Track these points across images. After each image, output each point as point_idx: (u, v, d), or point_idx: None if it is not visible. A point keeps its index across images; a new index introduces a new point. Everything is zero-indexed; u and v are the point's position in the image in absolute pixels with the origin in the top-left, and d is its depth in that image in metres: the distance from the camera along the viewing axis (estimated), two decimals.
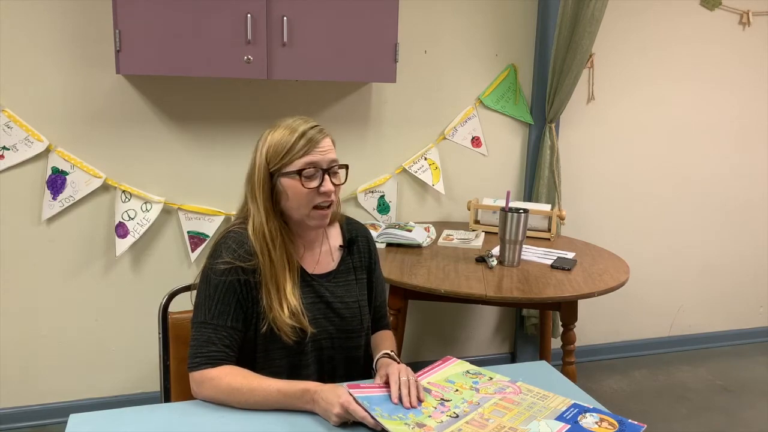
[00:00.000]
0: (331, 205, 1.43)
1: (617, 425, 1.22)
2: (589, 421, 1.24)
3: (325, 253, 1.52)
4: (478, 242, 2.57)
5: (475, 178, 3.02)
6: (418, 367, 1.42)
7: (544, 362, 1.56)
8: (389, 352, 1.49)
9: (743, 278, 3.61)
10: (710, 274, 3.54)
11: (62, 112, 2.42)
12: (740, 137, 3.43)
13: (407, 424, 1.19)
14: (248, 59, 2.26)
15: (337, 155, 1.43)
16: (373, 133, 2.83)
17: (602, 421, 1.24)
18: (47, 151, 2.42)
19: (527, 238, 2.37)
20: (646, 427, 1.22)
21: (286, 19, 2.27)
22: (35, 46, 2.35)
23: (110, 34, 2.31)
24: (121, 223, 2.51)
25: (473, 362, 1.49)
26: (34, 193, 2.44)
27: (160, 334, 1.60)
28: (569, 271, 2.27)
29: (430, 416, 1.23)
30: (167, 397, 1.60)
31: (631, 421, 1.24)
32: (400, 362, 1.41)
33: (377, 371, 1.42)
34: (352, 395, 1.23)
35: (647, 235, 3.37)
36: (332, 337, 1.47)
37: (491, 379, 1.40)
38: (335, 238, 1.55)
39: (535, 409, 1.27)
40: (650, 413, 2.86)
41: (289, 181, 1.39)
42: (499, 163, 3.05)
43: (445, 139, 2.93)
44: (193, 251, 2.63)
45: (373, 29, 2.40)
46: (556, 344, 2.94)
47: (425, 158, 2.90)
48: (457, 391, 1.34)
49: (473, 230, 2.76)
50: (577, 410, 1.27)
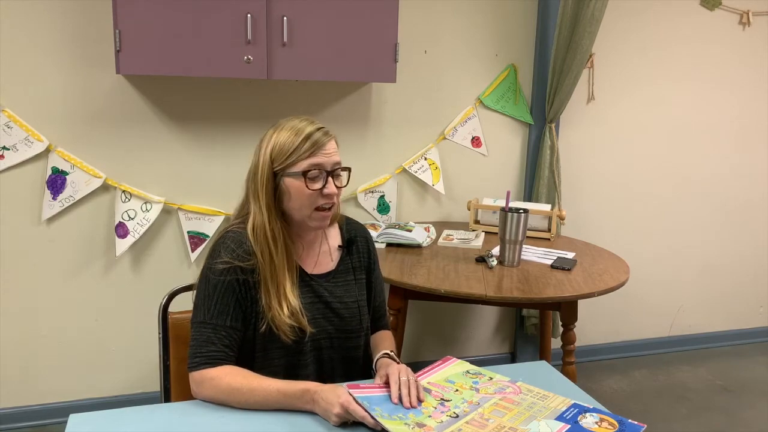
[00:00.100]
0: (332, 206, 1.44)
1: (617, 425, 1.22)
2: (589, 421, 1.24)
3: (324, 253, 1.52)
4: (478, 242, 2.57)
5: (475, 178, 3.02)
6: (418, 367, 1.42)
7: (544, 362, 1.56)
8: (389, 352, 1.49)
9: (743, 278, 3.61)
10: (710, 274, 3.54)
11: (62, 112, 2.42)
12: (740, 137, 3.43)
13: (407, 424, 1.19)
14: (248, 59, 2.26)
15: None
16: (373, 133, 2.83)
17: (602, 421, 1.24)
18: (47, 151, 2.42)
19: (527, 238, 2.37)
20: (646, 427, 1.22)
21: (286, 19, 2.27)
22: (35, 46, 2.36)
23: (110, 34, 2.31)
24: (121, 223, 2.51)
25: (473, 362, 1.49)
26: (34, 193, 2.44)
27: (160, 334, 1.60)
28: (569, 271, 2.27)
29: (430, 416, 1.23)
30: (167, 397, 1.60)
31: (631, 421, 1.24)
32: (399, 362, 1.41)
33: (377, 371, 1.42)
34: (351, 395, 1.23)
35: (647, 235, 3.37)
36: (331, 337, 1.47)
37: (491, 379, 1.40)
38: (334, 238, 1.55)
39: (535, 409, 1.27)
40: (650, 413, 2.86)
41: (292, 181, 1.39)
42: (499, 163, 3.05)
43: (445, 139, 2.93)
44: (193, 251, 2.63)
45: (373, 29, 2.40)
46: (556, 344, 2.94)
47: (425, 158, 2.90)
48: (457, 391, 1.34)
49: (473, 230, 2.76)
50: (577, 410, 1.27)
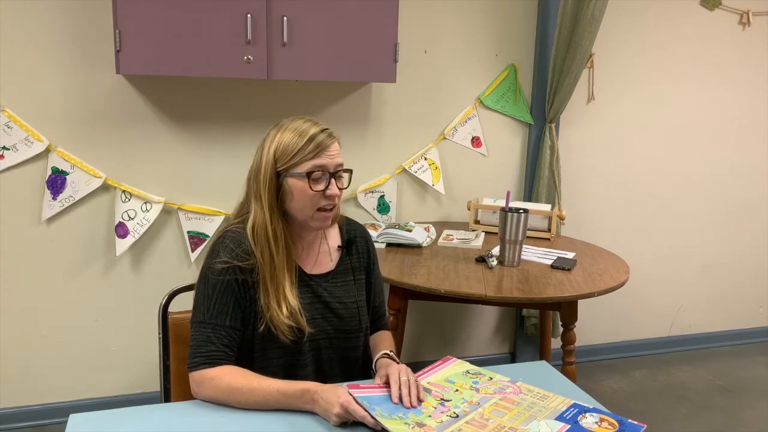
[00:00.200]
0: (334, 207, 1.44)
1: (617, 425, 1.22)
2: (589, 421, 1.24)
3: (323, 253, 1.52)
4: (478, 242, 2.57)
5: (475, 178, 3.02)
6: (418, 367, 1.42)
7: (544, 362, 1.56)
8: (388, 352, 1.49)
9: (743, 278, 3.61)
10: (710, 274, 3.54)
11: (62, 112, 2.42)
12: (740, 137, 3.43)
13: (407, 423, 1.19)
14: (248, 59, 2.26)
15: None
16: (373, 133, 2.83)
17: (602, 421, 1.24)
18: (47, 151, 2.42)
19: (527, 238, 2.37)
20: (646, 427, 1.22)
21: (286, 19, 2.27)
22: (35, 46, 2.35)
23: (110, 34, 2.31)
24: (121, 223, 2.51)
25: (473, 362, 1.49)
26: (34, 193, 2.44)
27: (160, 334, 1.60)
28: (569, 271, 2.27)
29: (430, 416, 1.23)
30: (167, 397, 1.60)
31: (631, 421, 1.24)
32: (399, 362, 1.41)
33: (377, 371, 1.42)
34: (351, 395, 1.23)
35: (647, 235, 3.37)
36: (330, 337, 1.47)
37: (491, 379, 1.40)
38: (334, 238, 1.55)
39: (535, 409, 1.27)
40: (650, 413, 2.86)
41: (295, 182, 1.39)
42: (499, 163, 3.05)
43: (445, 139, 2.93)
44: (193, 251, 2.63)
45: (373, 29, 2.40)
46: (556, 344, 2.94)
47: (425, 158, 2.90)
48: (457, 391, 1.34)
49: (473, 230, 2.76)
50: (577, 410, 1.27)
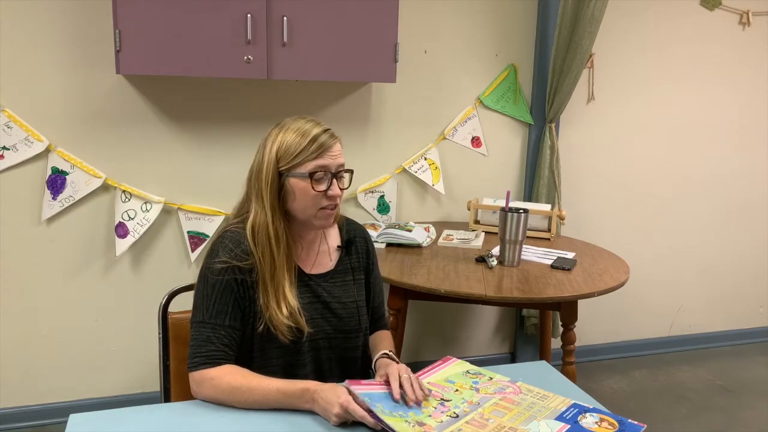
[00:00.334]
0: (336, 206, 1.44)
1: (617, 425, 1.22)
2: (589, 421, 1.24)
3: (323, 253, 1.52)
4: (478, 242, 2.57)
5: (475, 178, 3.02)
6: (418, 367, 1.42)
7: (544, 362, 1.56)
8: (388, 352, 1.49)
9: (743, 278, 3.61)
10: (710, 274, 3.54)
11: (62, 112, 2.42)
12: (740, 137, 3.43)
13: (408, 422, 1.19)
14: (248, 59, 2.26)
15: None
16: (373, 133, 2.83)
17: (602, 421, 1.24)
18: (47, 151, 2.42)
19: (527, 238, 2.37)
20: (646, 427, 1.22)
21: (286, 19, 2.27)
22: (35, 46, 2.35)
23: (110, 34, 2.31)
24: (121, 223, 2.51)
25: (473, 362, 1.49)
26: (34, 193, 2.44)
27: (160, 334, 1.60)
28: (569, 271, 2.27)
29: (430, 416, 1.23)
30: (167, 397, 1.60)
31: (631, 421, 1.24)
32: (399, 362, 1.41)
33: (376, 371, 1.42)
34: (352, 393, 1.23)
35: (647, 235, 3.37)
36: (329, 337, 1.47)
37: (491, 379, 1.40)
38: (334, 238, 1.55)
39: (535, 409, 1.27)
40: (650, 413, 2.86)
41: (298, 182, 1.39)
42: (499, 163, 3.05)
43: (445, 139, 2.93)
44: (193, 251, 2.63)
45: (373, 29, 2.40)
46: (556, 344, 2.94)
47: (425, 158, 2.90)
48: (457, 391, 1.34)
49: (473, 230, 2.76)
50: (577, 410, 1.27)
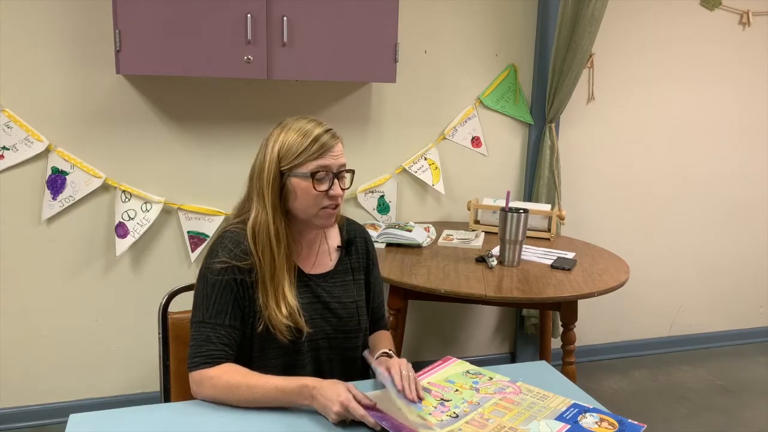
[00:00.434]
0: (337, 206, 1.44)
1: (617, 425, 1.22)
2: (589, 421, 1.24)
3: (323, 253, 1.52)
4: (478, 242, 2.57)
5: (475, 178, 3.02)
6: (418, 367, 1.42)
7: (544, 362, 1.56)
8: (388, 351, 1.49)
9: (743, 278, 3.61)
10: (710, 274, 3.54)
11: (62, 112, 2.42)
12: (740, 137, 3.43)
13: (411, 412, 1.20)
14: (248, 59, 2.26)
15: None
16: (373, 133, 2.83)
17: (602, 421, 1.24)
18: (47, 151, 2.42)
19: (527, 238, 2.37)
20: (646, 427, 1.22)
21: (286, 19, 2.27)
22: (35, 46, 2.35)
23: (110, 34, 2.31)
24: (121, 223, 2.51)
25: (473, 362, 1.50)
26: (34, 193, 2.44)
27: (160, 334, 1.60)
28: (569, 271, 2.27)
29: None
30: (167, 397, 1.60)
31: (631, 421, 1.24)
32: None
33: (376, 369, 1.42)
34: (352, 391, 1.23)
35: (647, 235, 3.37)
36: (329, 337, 1.47)
37: (491, 379, 1.40)
38: (334, 238, 1.55)
39: (535, 409, 1.27)
40: (650, 413, 2.86)
41: (299, 181, 1.39)
42: (499, 163, 3.05)
43: (445, 139, 2.93)
44: (193, 251, 2.63)
45: (373, 29, 2.40)
46: (556, 344, 2.94)
47: (425, 158, 2.90)
48: (457, 391, 1.34)
49: (473, 230, 2.76)
50: (577, 410, 1.27)
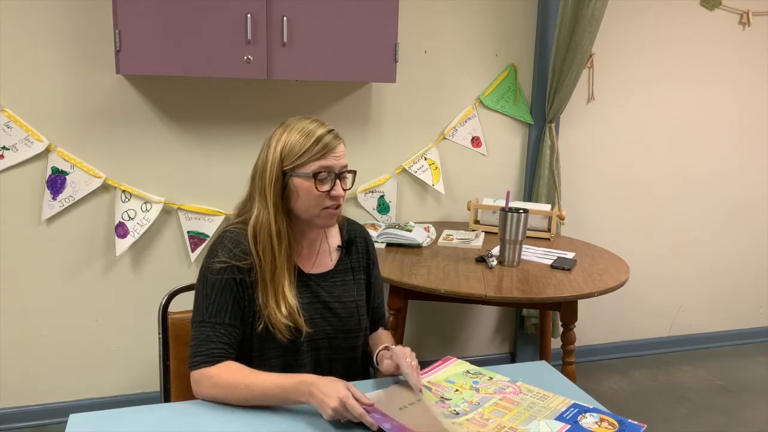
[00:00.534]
0: (339, 206, 1.44)
1: (617, 425, 1.22)
2: (589, 421, 1.24)
3: (323, 253, 1.52)
4: (478, 242, 2.57)
5: (475, 178, 3.02)
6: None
7: (544, 362, 1.56)
8: (389, 346, 1.49)
9: (743, 278, 3.61)
10: (710, 274, 3.54)
11: (62, 112, 2.42)
12: (740, 137, 3.43)
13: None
14: (248, 59, 2.26)
15: None
16: (373, 133, 2.83)
17: (602, 421, 1.24)
18: (47, 151, 2.42)
19: (527, 238, 2.37)
20: (646, 427, 1.22)
21: (286, 19, 2.27)
22: (35, 46, 2.35)
23: (110, 34, 2.31)
24: (121, 223, 2.51)
25: (473, 362, 1.49)
26: (34, 193, 2.44)
27: (160, 334, 1.60)
28: (569, 271, 2.27)
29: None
30: (167, 397, 1.60)
31: (631, 421, 1.24)
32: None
33: (379, 364, 1.42)
34: (351, 390, 1.23)
35: (647, 235, 3.37)
36: (329, 337, 1.47)
37: (491, 379, 1.40)
38: (334, 238, 1.55)
39: (535, 409, 1.27)
40: (650, 413, 2.86)
41: (301, 181, 1.39)
42: (499, 163, 3.05)
43: (445, 139, 2.93)
44: (193, 251, 2.63)
45: (373, 29, 2.40)
46: (556, 344, 2.94)
47: (425, 158, 2.90)
48: (457, 391, 1.34)
49: (473, 230, 2.76)
50: (577, 410, 1.27)
